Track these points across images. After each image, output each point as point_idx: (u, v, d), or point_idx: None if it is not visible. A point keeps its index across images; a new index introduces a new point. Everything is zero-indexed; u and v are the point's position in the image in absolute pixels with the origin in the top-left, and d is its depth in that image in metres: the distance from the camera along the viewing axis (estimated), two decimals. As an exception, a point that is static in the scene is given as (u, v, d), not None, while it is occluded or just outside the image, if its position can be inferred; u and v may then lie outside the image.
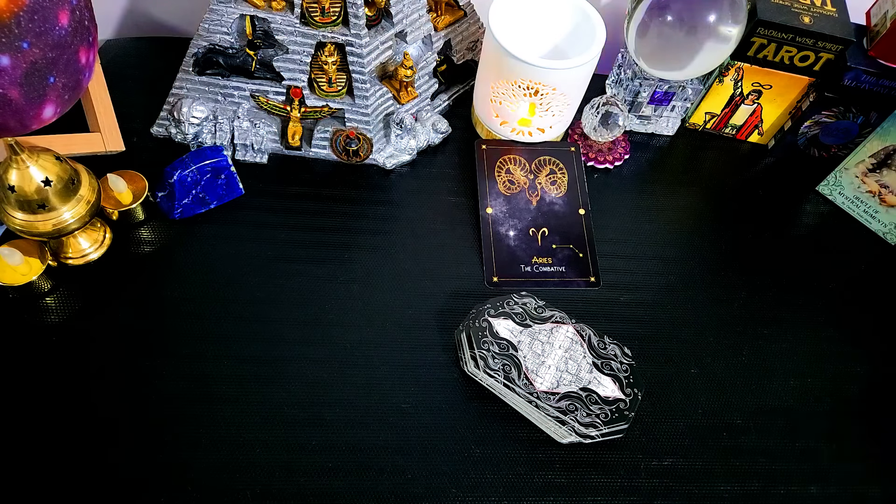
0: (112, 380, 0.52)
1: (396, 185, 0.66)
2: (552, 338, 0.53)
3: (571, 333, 0.54)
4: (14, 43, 0.46)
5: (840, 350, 0.60)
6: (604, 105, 0.66)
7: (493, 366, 0.52)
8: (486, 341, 0.53)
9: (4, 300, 0.54)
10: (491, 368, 0.51)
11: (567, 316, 0.55)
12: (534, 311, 0.55)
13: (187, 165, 0.58)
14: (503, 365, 0.52)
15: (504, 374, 0.51)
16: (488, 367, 0.52)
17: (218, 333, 0.55)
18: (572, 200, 0.65)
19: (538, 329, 0.54)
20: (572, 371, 0.52)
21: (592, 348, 0.53)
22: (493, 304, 0.55)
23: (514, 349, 0.53)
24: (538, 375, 0.52)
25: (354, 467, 0.50)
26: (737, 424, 0.55)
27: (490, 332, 0.53)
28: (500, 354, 0.52)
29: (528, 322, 0.54)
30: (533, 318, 0.54)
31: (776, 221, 0.68)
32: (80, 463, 0.48)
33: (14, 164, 0.48)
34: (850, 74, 0.63)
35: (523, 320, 0.54)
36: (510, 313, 0.54)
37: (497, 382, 0.52)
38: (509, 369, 0.52)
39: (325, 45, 0.59)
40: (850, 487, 0.53)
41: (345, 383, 0.53)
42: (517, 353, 0.52)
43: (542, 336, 0.53)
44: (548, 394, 0.51)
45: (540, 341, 0.53)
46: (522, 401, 0.51)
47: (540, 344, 0.53)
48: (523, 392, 0.51)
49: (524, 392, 0.51)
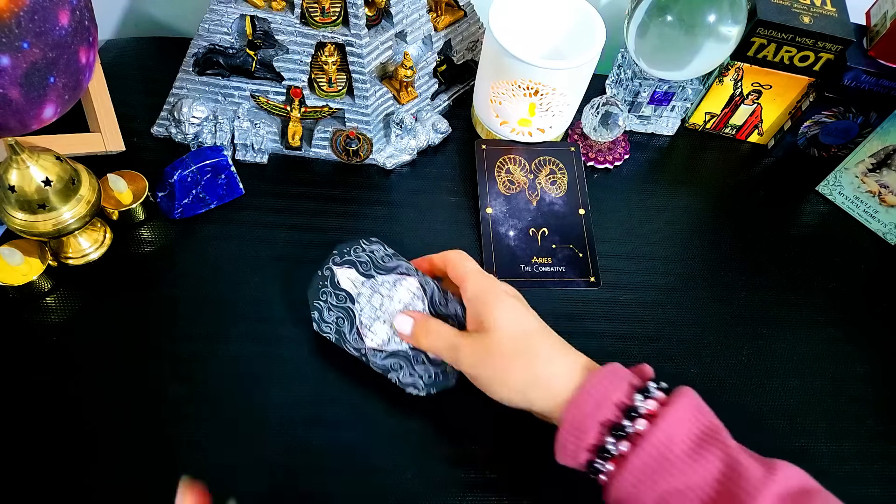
0: (112, 380, 0.52)
1: (396, 185, 0.66)
2: (393, 291, 0.52)
3: (415, 287, 0.52)
4: (14, 43, 0.46)
5: (840, 350, 0.60)
6: (604, 105, 0.66)
7: (327, 318, 0.51)
8: (326, 292, 0.52)
9: (4, 300, 0.54)
10: (325, 321, 0.51)
11: (414, 268, 0.53)
12: (380, 261, 0.53)
13: (187, 165, 0.58)
14: (337, 318, 0.51)
15: (336, 328, 0.51)
16: (323, 321, 0.51)
17: (218, 333, 0.55)
18: (572, 200, 0.65)
19: (381, 281, 0.52)
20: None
21: (433, 305, 0.52)
22: (339, 251, 0.53)
23: (351, 301, 0.52)
24: (370, 331, 0.51)
25: (354, 467, 0.50)
26: (737, 424, 0.55)
27: (331, 281, 0.52)
28: (336, 307, 0.51)
29: (371, 272, 0.52)
30: (378, 268, 0.53)
31: (776, 221, 0.68)
32: (80, 463, 0.48)
33: (14, 164, 0.48)
34: (850, 74, 0.63)
35: (367, 270, 0.52)
36: (355, 261, 0.53)
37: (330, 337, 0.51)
38: (342, 322, 0.51)
39: (325, 45, 0.59)
40: (850, 487, 0.53)
41: (345, 383, 0.53)
42: (354, 307, 0.51)
43: (384, 289, 0.52)
44: (375, 350, 0.51)
45: (380, 294, 0.52)
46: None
47: (380, 297, 0.52)
48: (352, 347, 0.50)
49: (353, 347, 0.50)
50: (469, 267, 0.50)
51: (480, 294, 0.49)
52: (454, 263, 0.51)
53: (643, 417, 0.42)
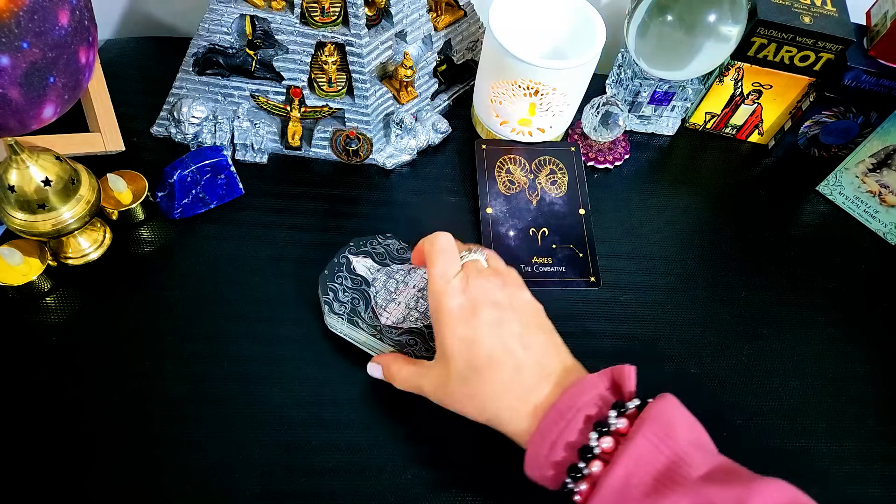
0: (112, 380, 0.52)
1: (396, 185, 0.66)
2: (408, 277, 0.53)
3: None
4: (14, 43, 0.46)
5: (840, 350, 0.60)
6: (604, 105, 0.66)
7: (342, 299, 0.52)
8: (341, 276, 0.53)
9: (4, 300, 0.54)
10: (339, 301, 0.52)
11: None
12: (395, 252, 0.55)
13: (187, 165, 0.58)
14: (352, 299, 0.52)
15: (351, 307, 0.52)
16: (337, 300, 0.52)
17: (218, 333, 0.55)
18: (572, 200, 0.65)
19: (396, 268, 0.54)
20: (421, 310, 0.52)
21: None
22: (355, 243, 0.55)
23: (367, 285, 0.53)
24: (385, 311, 0.52)
25: (354, 467, 0.50)
26: (737, 424, 0.55)
27: (347, 268, 0.53)
28: (352, 289, 0.52)
29: (387, 262, 0.54)
30: (393, 259, 0.54)
31: (776, 221, 0.68)
32: (79, 462, 0.48)
33: (14, 164, 0.48)
34: (850, 74, 0.63)
35: (382, 259, 0.54)
36: (371, 252, 0.54)
37: (341, 322, 0.52)
38: (357, 303, 0.52)
39: (325, 45, 0.59)
40: (850, 487, 0.53)
41: (345, 383, 0.53)
42: (369, 290, 0.52)
43: (399, 275, 0.53)
44: (391, 328, 0.51)
45: (395, 279, 0.53)
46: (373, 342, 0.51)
47: (395, 282, 0.53)
48: (367, 325, 0.51)
49: (368, 325, 0.51)
50: (431, 272, 0.47)
51: (434, 311, 0.46)
52: (422, 259, 0.49)
53: (598, 458, 0.39)
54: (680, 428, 0.39)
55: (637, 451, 0.38)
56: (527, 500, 0.50)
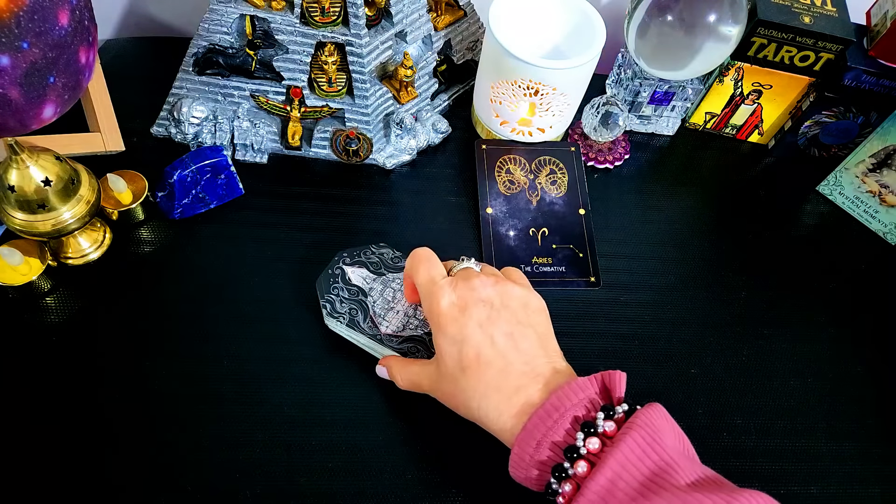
0: (112, 380, 0.52)
1: (396, 185, 0.66)
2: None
3: None
4: (14, 43, 0.46)
5: (840, 350, 0.60)
6: (604, 105, 0.66)
7: (339, 309, 0.52)
8: (337, 287, 0.53)
9: (4, 300, 0.54)
10: (337, 312, 0.52)
11: None
12: (390, 261, 0.55)
13: (187, 165, 0.58)
14: (350, 309, 0.52)
15: (350, 317, 0.52)
16: (335, 311, 0.52)
17: (218, 333, 0.55)
18: (572, 200, 0.65)
19: (392, 277, 0.54)
20: (420, 317, 0.53)
21: None
22: (348, 253, 0.55)
23: (363, 295, 0.53)
24: (384, 320, 0.52)
25: (354, 467, 0.50)
26: (737, 424, 0.55)
27: (343, 278, 0.53)
28: (349, 300, 0.52)
29: (382, 271, 0.54)
30: (388, 268, 0.54)
31: (776, 221, 0.68)
32: (79, 463, 0.48)
33: (14, 164, 0.48)
34: (850, 74, 0.63)
35: (378, 269, 0.54)
36: (365, 262, 0.54)
37: (340, 325, 0.52)
38: (356, 313, 0.52)
39: (325, 45, 0.59)
40: (850, 487, 0.53)
41: (345, 383, 0.53)
42: (366, 299, 0.53)
43: (395, 284, 0.54)
44: (391, 336, 0.51)
45: (392, 288, 0.53)
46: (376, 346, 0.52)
47: (392, 291, 0.53)
48: (367, 333, 0.51)
49: (368, 334, 0.51)
50: (418, 281, 0.48)
51: (427, 314, 0.47)
52: (408, 277, 0.50)
53: (584, 459, 0.39)
54: (667, 436, 0.39)
55: (624, 454, 0.38)
56: (527, 500, 0.50)
